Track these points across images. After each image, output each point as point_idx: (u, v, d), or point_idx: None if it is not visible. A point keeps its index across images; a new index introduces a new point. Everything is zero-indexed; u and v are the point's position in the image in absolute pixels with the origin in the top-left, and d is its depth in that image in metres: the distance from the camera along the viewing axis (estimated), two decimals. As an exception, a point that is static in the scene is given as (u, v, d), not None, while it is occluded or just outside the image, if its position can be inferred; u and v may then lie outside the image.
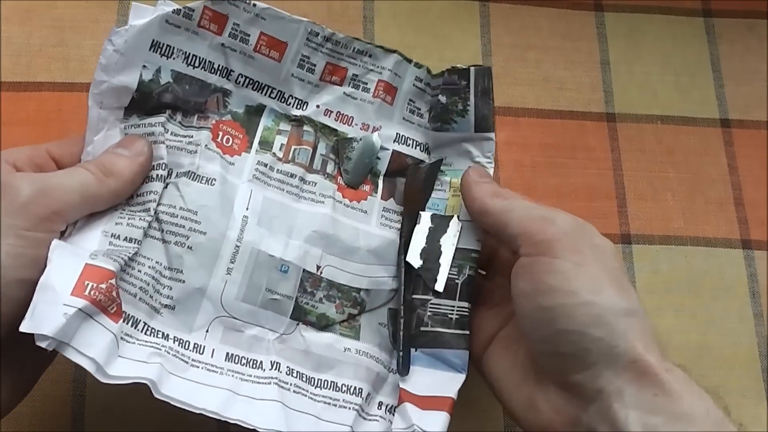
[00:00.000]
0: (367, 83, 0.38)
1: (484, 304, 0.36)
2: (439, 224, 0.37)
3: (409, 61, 0.38)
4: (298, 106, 0.38)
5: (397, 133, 0.39)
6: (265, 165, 0.36)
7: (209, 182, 0.35)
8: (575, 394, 0.30)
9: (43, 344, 0.28)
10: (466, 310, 0.35)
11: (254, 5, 0.36)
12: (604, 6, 0.50)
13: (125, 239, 0.33)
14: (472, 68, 0.37)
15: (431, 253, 0.36)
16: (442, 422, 0.32)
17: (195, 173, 0.35)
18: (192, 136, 0.35)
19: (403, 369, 0.35)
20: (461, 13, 0.49)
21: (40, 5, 0.45)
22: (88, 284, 0.29)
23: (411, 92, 0.39)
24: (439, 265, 0.36)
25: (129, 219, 0.33)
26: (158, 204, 0.34)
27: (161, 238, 0.34)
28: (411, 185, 0.38)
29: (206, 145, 0.35)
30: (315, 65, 0.37)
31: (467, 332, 0.35)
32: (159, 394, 0.30)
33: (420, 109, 0.39)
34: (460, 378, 0.34)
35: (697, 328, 0.43)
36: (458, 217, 0.37)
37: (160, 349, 0.32)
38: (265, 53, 0.36)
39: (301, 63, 0.37)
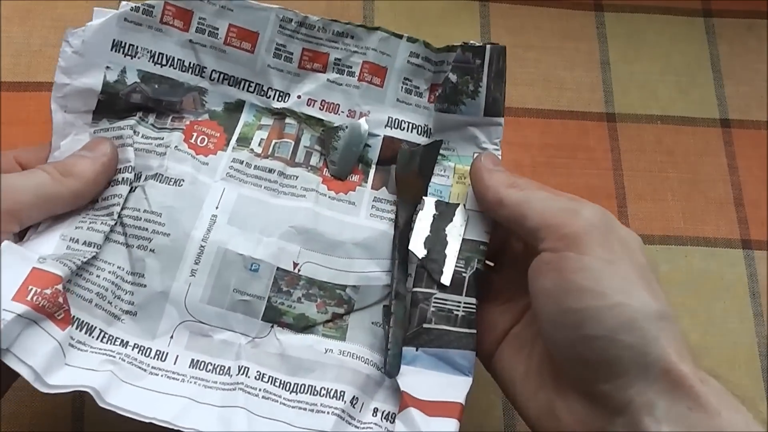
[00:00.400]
0: (351, 66, 0.36)
1: (494, 299, 0.34)
2: (445, 212, 0.34)
3: (400, 36, 0.36)
4: (279, 98, 0.36)
5: (389, 117, 0.36)
6: (241, 162, 0.35)
7: (177, 183, 0.33)
8: (601, 406, 0.28)
9: None
10: (474, 306, 0.33)
11: None
12: (604, 6, 0.50)
13: (84, 243, 0.32)
14: (488, 46, 0.34)
15: (436, 243, 0.34)
16: (453, 428, 0.30)
17: (162, 175, 0.33)
18: (162, 138, 0.34)
19: (392, 369, 0.32)
20: (461, 13, 0.48)
21: (40, 5, 0.45)
22: (31, 289, 0.28)
23: (405, 70, 0.36)
24: (445, 256, 0.33)
25: (90, 223, 0.32)
26: (122, 208, 0.33)
27: (125, 243, 0.32)
28: (404, 170, 0.35)
29: (176, 146, 0.34)
30: (292, 53, 0.35)
31: (474, 331, 0.32)
32: (103, 403, 0.29)
33: (418, 88, 0.36)
34: (467, 381, 0.32)
35: (697, 328, 0.43)
36: (464, 205, 0.34)
37: (114, 357, 0.31)
38: (236, 45, 0.35)
39: (276, 52, 0.35)
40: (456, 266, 0.33)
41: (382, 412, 0.32)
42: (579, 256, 0.28)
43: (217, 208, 0.33)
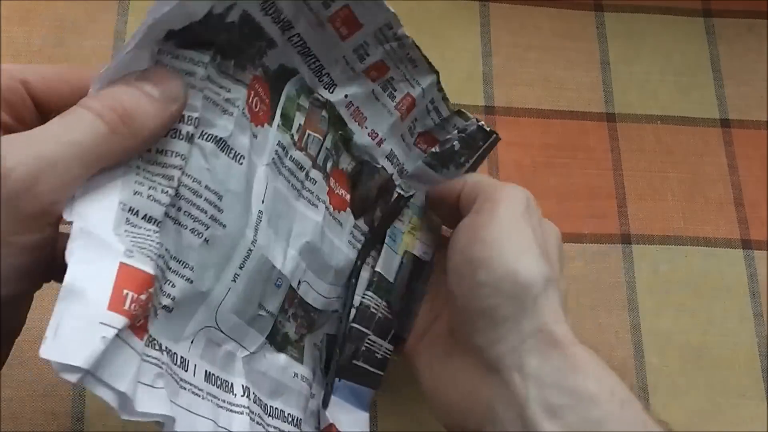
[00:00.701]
0: (396, 91, 0.34)
1: (427, 296, 0.36)
2: (416, 265, 0.36)
3: (440, 90, 0.35)
4: (327, 87, 0.32)
5: (391, 149, 0.35)
6: (284, 148, 0.30)
7: (238, 159, 0.27)
8: (478, 362, 0.29)
9: (71, 378, 0.20)
10: (390, 353, 0.35)
11: None
12: (604, 6, 0.50)
13: (144, 218, 0.24)
14: (495, 135, 0.36)
15: (408, 292, 0.36)
16: None
17: (227, 143, 0.26)
18: (230, 90, 0.27)
19: (327, 400, 0.33)
20: (461, 13, 0.48)
21: (40, 5, 0.45)
22: (127, 294, 0.21)
23: (419, 113, 0.36)
24: (412, 311, 0.36)
25: (150, 188, 0.24)
26: (183, 173, 0.25)
27: (174, 218, 0.25)
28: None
29: (243, 110, 0.27)
30: (369, 56, 0.32)
31: (382, 374, 0.35)
32: None
33: (414, 128, 0.36)
34: (366, 417, 0.34)
35: (697, 328, 0.43)
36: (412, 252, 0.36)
37: (162, 368, 0.24)
38: (336, 26, 0.31)
39: (357, 49, 0.32)
40: (388, 314, 0.35)
41: None
42: (492, 217, 0.30)
43: (262, 202, 0.28)
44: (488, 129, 0.36)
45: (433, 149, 0.36)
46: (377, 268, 0.35)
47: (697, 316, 0.43)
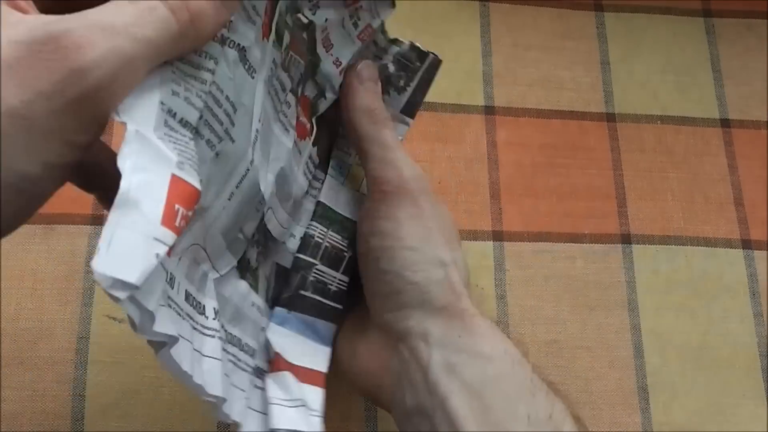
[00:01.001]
0: (360, 20, 0.33)
1: None
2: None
3: (383, 31, 0.35)
4: (312, 8, 0.30)
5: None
6: (276, 65, 0.28)
7: (251, 73, 0.25)
8: (388, 335, 0.31)
9: (119, 295, 0.18)
10: (346, 285, 0.34)
11: None
12: (604, 6, 0.50)
13: (181, 122, 0.22)
14: (431, 55, 0.36)
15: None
16: (320, 399, 0.30)
17: (246, 53, 0.24)
18: None
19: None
20: (461, 13, 0.48)
21: (40, 5, 0.45)
22: (178, 210, 0.20)
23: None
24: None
25: (186, 89, 0.22)
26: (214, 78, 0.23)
27: (195, 127, 0.23)
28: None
29: (263, 20, 0.25)
30: None
31: (341, 307, 0.34)
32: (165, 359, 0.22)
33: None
34: (327, 351, 0.33)
35: (697, 328, 0.43)
36: (359, 190, 0.36)
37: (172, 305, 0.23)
38: None
39: None
40: (340, 244, 0.34)
41: (260, 369, 0.31)
42: (389, 208, 0.32)
43: (259, 122, 0.26)
44: (423, 49, 0.36)
45: None
46: (320, 198, 0.35)
47: (697, 316, 0.43)
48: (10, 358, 0.38)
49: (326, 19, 0.31)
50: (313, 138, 0.33)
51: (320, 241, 0.34)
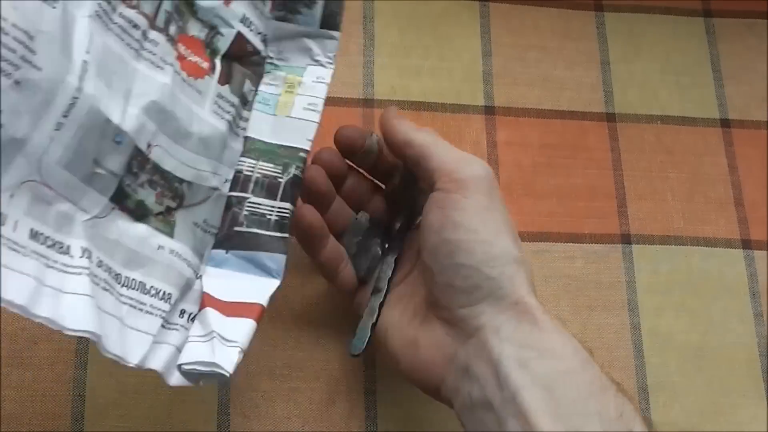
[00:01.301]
0: None
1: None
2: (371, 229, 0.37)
3: None
4: None
5: (244, 14, 0.34)
6: (109, 2, 0.29)
7: (49, 3, 0.26)
8: (458, 330, 0.31)
9: None
10: (287, 211, 0.33)
11: None
12: (604, 6, 0.50)
13: None
14: None
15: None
16: (246, 330, 0.29)
17: None
18: None
19: (357, 343, 0.34)
20: (461, 13, 0.48)
21: (40, 5, 0.45)
22: None
23: None
24: (371, 251, 0.37)
25: None
26: None
27: None
28: (396, 184, 0.38)
29: None
30: None
31: (286, 235, 0.33)
32: None
33: None
34: (274, 283, 0.32)
35: (697, 328, 0.43)
36: (290, 115, 0.35)
37: None
38: None
39: None
40: (273, 171, 0.34)
41: (189, 314, 0.31)
42: (463, 198, 0.32)
43: (87, 53, 0.27)
44: None
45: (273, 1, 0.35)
46: (247, 133, 0.35)
47: (697, 316, 0.43)
48: (10, 358, 0.38)
49: None
50: (217, 77, 0.33)
51: (249, 174, 0.34)
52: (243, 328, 0.30)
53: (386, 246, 0.37)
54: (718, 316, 0.44)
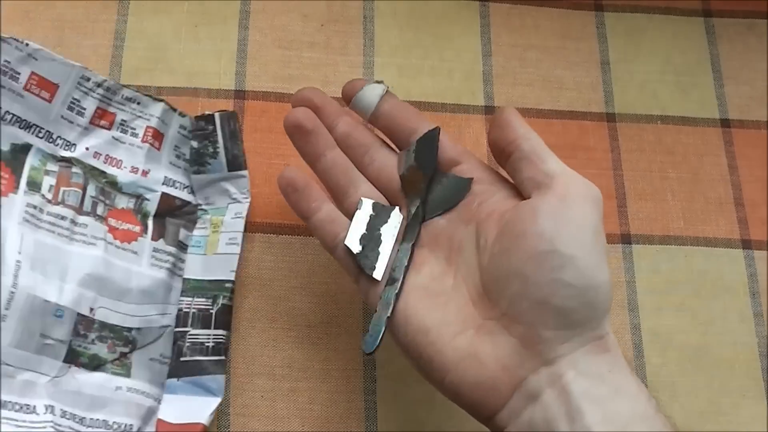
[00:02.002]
0: (135, 128, 0.40)
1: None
2: (381, 213, 0.35)
3: (174, 110, 0.40)
4: (66, 147, 0.39)
5: (165, 176, 0.40)
6: (35, 207, 0.36)
7: None
8: (533, 352, 0.29)
9: None
10: (222, 337, 0.37)
11: (27, 44, 0.37)
12: (604, 6, 0.50)
13: None
14: (216, 114, 0.40)
15: (371, 240, 0.34)
16: None
17: None
18: None
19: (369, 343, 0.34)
20: (461, 13, 0.48)
21: (40, 5, 0.45)
22: None
23: (176, 138, 0.41)
24: (379, 253, 0.34)
25: None
26: None
27: None
28: (405, 170, 0.36)
29: None
30: (85, 109, 0.39)
31: (223, 357, 0.37)
32: None
33: (184, 155, 0.41)
34: (215, 401, 0.36)
35: (697, 328, 0.43)
36: (216, 253, 0.39)
37: None
38: (35, 93, 0.37)
39: (71, 105, 0.38)
40: (205, 305, 0.38)
41: None
42: (584, 214, 0.30)
43: (20, 253, 0.35)
44: (209, 113, 0.40)
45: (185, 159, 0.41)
46: (185, 275, 0.39)
47: (697, 316, 0.43)
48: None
49: (87, 148, 0.39)
50: (150, 235, 0.39)
51: (187, 310, 0.38)
52: None
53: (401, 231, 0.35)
54: (718, 316, 0.44)
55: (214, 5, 0.46)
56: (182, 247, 0.40)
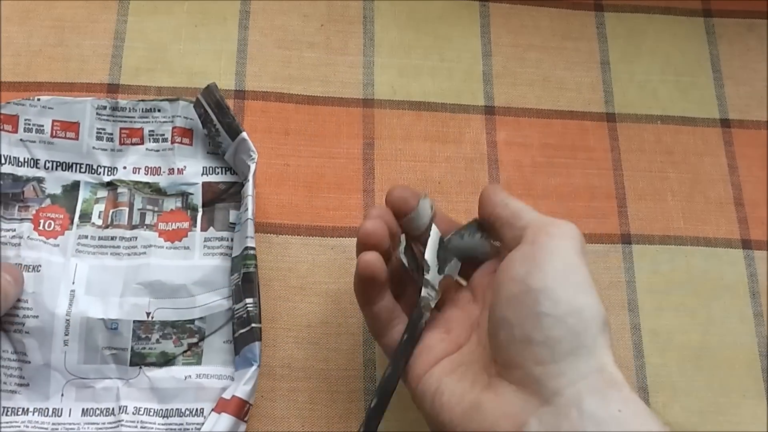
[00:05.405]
0: (164, 134, 0.42)
1: (438, 328, 0.35)
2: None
3: (191, 102, 0.41)
4: (108, 173, 0.41)
5: (203, 167, 0.42)
6: (86, 237, 0.40)
7: (35, 269, 0.38)
8: (531, 392, 0.29)
9: None
10: (249, 305, 0.38)
11: (38, 99, 0.40)
12: (604, 6, 0.50)
13: None
14: (199, 96, 0.41)
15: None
16: (227, 423, 0.35)
17: (21, 264, 0.38)
18: (14, 230, 0.39)
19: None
20: (461, 13, 0.49)
21: (40, 5, 0.45)
22: None
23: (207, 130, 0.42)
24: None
25: None
26: None
27: (2, 329, 0.37)
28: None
29: (28, 236, 0.39)
30: (112, 134, 0.41)
31: (251, 326, 0.37)
32: None
33: (212, 138, 0.42)
34: (252, 370, 0.36)
35: (697, 328, 0.43)
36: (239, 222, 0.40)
37: (20, 426, 0.36)
38: (62, 136, 0.41)
39: (98, 135, 0.41)
40: (236, 279, 0.38)
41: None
42: (553, 250, 0.31)
43: (73, 283, 0.39)
44: (192, 100, 0.41)
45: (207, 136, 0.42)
46: (232, 255, 0.40)
47: (697, 316, 0.43)
48: (10, 358, 0.38)
49: (125, 167, 0.41)
50: (199, 227, 0.40)
51: (233, 288, 0.39)
52: (223, 423, 0.36)
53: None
54: (718, 316, 0.44)
55: (214, 5, 0.46)
56: (233, 228, 0.41)
